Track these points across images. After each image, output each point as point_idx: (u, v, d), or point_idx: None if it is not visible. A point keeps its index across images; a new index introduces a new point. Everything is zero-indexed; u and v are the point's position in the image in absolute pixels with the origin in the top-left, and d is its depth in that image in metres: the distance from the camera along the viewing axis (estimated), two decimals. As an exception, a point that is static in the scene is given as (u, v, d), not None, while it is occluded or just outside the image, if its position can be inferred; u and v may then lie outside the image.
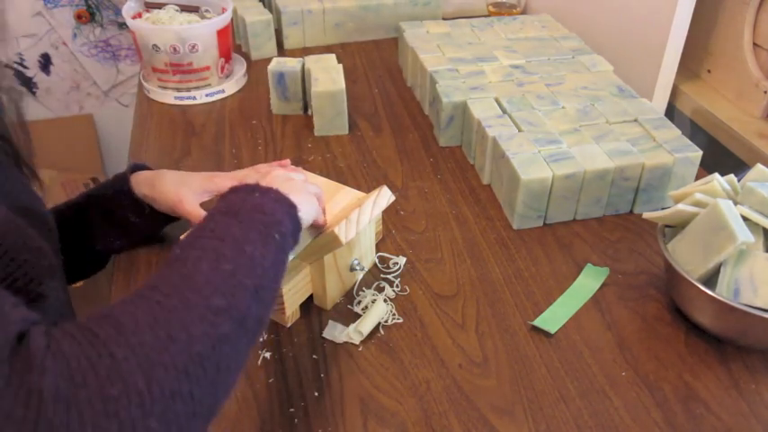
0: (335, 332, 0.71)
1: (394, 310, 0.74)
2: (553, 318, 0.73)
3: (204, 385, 0.38)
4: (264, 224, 0.49)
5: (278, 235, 0.49)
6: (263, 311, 0.46)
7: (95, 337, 0.36)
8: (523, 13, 1.48)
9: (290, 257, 0.57)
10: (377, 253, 0.82)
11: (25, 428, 0.32)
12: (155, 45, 1.13)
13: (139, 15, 1.20)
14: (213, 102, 1.19)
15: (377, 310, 0.72)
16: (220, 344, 0.40)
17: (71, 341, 0.36)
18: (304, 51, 1.35)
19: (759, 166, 0.73)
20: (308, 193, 0.59)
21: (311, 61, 1.10)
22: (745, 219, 0.67)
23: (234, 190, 0.53)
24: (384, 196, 0.75)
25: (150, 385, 0.35)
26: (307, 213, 0.57)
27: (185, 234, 0.74)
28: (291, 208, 0.53)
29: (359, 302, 0.75)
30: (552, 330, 0.71)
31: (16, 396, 0.32)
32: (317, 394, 0.65)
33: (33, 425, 0.32)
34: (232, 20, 1.25)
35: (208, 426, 0.40)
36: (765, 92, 1.03)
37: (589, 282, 0.78)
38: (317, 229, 0.68)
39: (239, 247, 0.45)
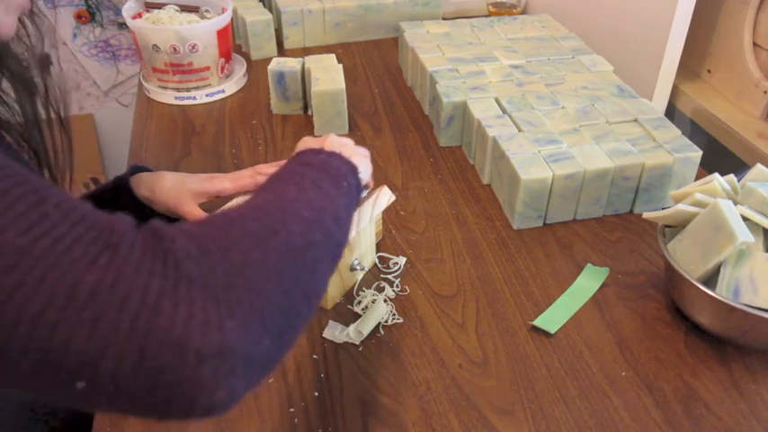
0: (335, 332, 0.71)
1: (394, 310, 0.74)
2: (553, 318, 0.73)
3: (304, 273, 0.43)
4: (335, 175, 0.54)
5: (346, 183, 0.54)
6: (341, 237, 0.50)
7: (211, 224, 0.42)
8: (523, 13, 1.48)
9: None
10: (377, 253, 0.82)
11: (169, 282, 0.35)
12: (155, 45, 1.13)
13: (139, 15, 1.20)
14: (213, 102, 1.19)
15: (377, 310, 0.72)
16: (311, 247, 0.44)
17: (192, 225, 0.41)
18: (304, 51, 1.35)
19: (759, 166, 0.73)
20: (362, 155, 0.63)
21: (311, 61, 1.10)
22: (745, 219, 0.67)
23: (301, 152, 0.57)
24: (384, 196, 0.75)
25: (265, 258, 0.40)
26: (365, 174, 0.61)
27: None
28: (353, 168, 0.57)
29: (359, 302, 0.75)
30: (552, 330, 0.71)
31: (155, 257, 0.36)
32: (316, 394, 0.65)
33: (175, 278, 0.36)
34: (232, 20, 1.25)
35: (308, 319, 0.44)
36: (765, 92, 1.03)
37: (589, 282, 0.78)
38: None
39: (317, 184, 0.51)
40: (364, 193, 0.62)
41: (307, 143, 0.60)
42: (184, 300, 0.35)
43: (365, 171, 0.61)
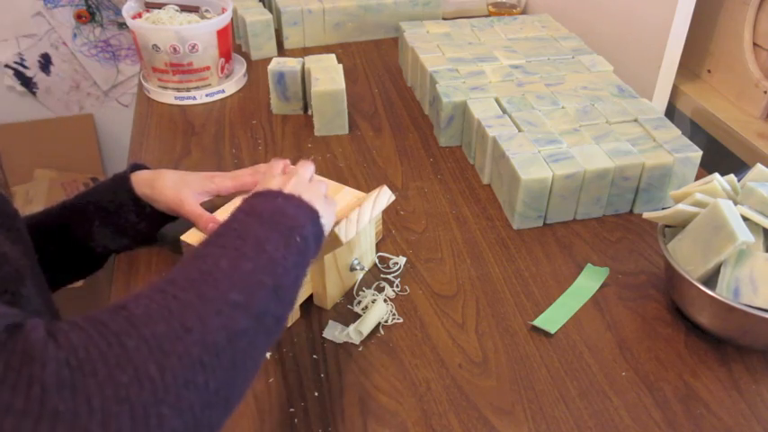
0: (335, 332, 0.71)
1: (394, 310, 0.74)
2: (553, 318, 0.73)
3: (220, 377, 0.38)
4: (287, 227, 0.49)
5: (299, 238, 0.50)
6: (282, 311, 0.46)
7: (105, 327, 0.36)
8: (523, 13, 1.48)
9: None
10: (377, 253, 0.82)
11: (28, 421, 0.31)
12: (155, 45, 1.13)
13: (139, 15, 1.20)
14: (213, 102, 1.19)
15: (377, 310, 0.72)
16: (237, 338, 0.39)
17: (78, 332, 0.35)
18: (304, 51, 1.35)
19: (759, 166, 0.73)
20: (330, 199, 0.60)
21: (311, 61, 1.10)
22: (745, 219, 0.67)
23: (256, 194, 0.53)
24: (384, 196, 0.75)
25: (163, 373, 0.35)
26: (328, 221, 0.57)
27: (187, 233, 0.74)
28: (314, 214, 0.53)
29: (359, 302, 0.75)
30: (552, 330, 0.71)
31: (14, 388, 0.31)
32: (317, 394, 0.65)
33: (37, 416, 0.31)
34: (232, 20, 1.25)
35: (225, 419, 0.40)
36: (765, 92, 1.03)
37: (589, 282, 0.78)
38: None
39: (260, 246, 0.46)
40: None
41: (267, 180, 0.55)
42: None
43: (328, 217, 0.57)
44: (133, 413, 0.33)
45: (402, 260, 0.81)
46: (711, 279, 0.68)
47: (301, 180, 0.58)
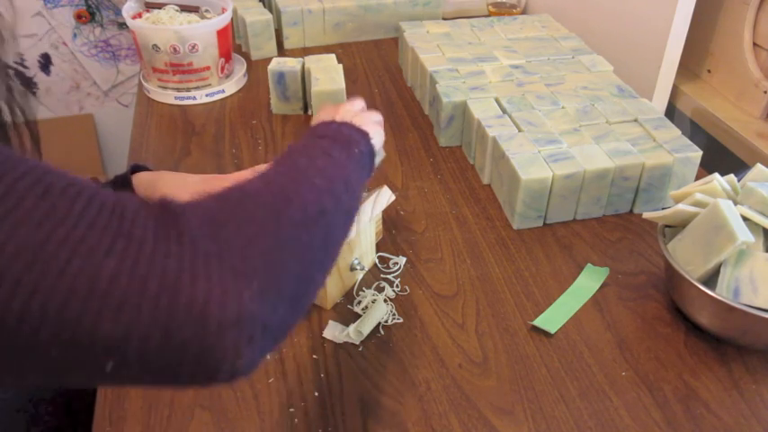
0: (335, 332, 0.71)
1: (394, 310, 0.74)
2: (553, 318, 0.73)
3: (318, 241, 0.44)
4: (345, 141, 0.56)
5: (357, 150, 0.56)
6: (352, 204, 0.52)
7: (227, 199, 0.43)
8: (523, 13, 1.48)
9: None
10: (377, 253, 0.82)
11: (184, 261, 0.36)
12: (155, 45, 1.13)
13: (139, 15, 1.20)
14: (213, 102, 1.19)
15: (377, 310, 0.72)
16: (324, 214, 0.45)
17: (207, 200, 0.42)
18: (304, 51, 1.35)
19: (759, 166, 0.73)
20: (375, 122, 0.65)
21: (311, 61, 1.10)
22: (745, 219, 0.67)
23: (314, 126, 0.59)
24: (384, 196, 0.75)
25: (279, 228, 0.41)
26: (377, 140, 0.63)
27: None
28: (365, 135, 0.59)
29: (359, 302, 0.75)
30: (552, 330, 0.71)
31: (168, 237, 0.37)
32: (317, 394, 0.65)
33: (192, 256, 0.37)
34: (232, 20, 1.25)
35: (321, 283, 0.46)
36: (765, 92, 1.03)
37: (589, 282, 0.78)
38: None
39: (327, 153, 0.52)
40: (377, 159, 0.63)
41: (320, 115, 0.62)
42: (202, 274, 0.36)
43: (377, 137, 0.63)
44: (264, 256, 0.39)
45: (402, 260, 0.81)
46: (711, 279, 0.68)
47: (351, 110, 0.64)
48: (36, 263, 0.33)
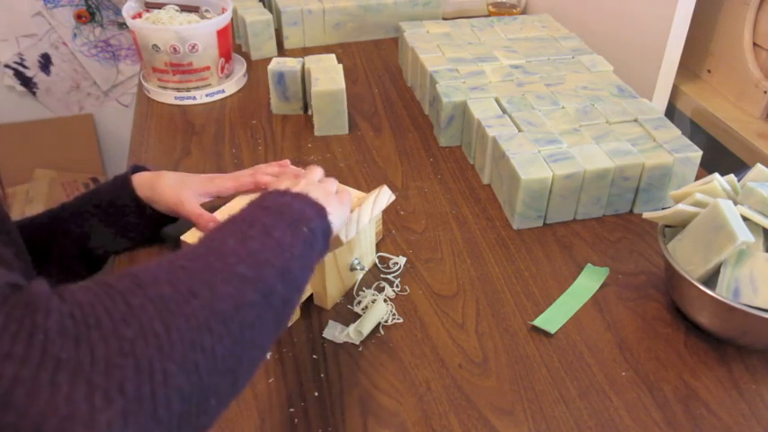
0: (335, 332, 0.71)
1: (394, 310, 0.74)
2: (553, 318, 0.73)
3: (227, 345, 0.37)
4: (294, 218, 0.49)
5: (306, 229, 0.49)
6: (290, 295, 0.45)
7: (110, 287, 0.35)
8: (523, 13, 1.48)
9: None
10: (377, 253, 0.82)
11: (29, 368, 0.30)
12: (155, 45, 1.13)
13: (139, 15, 1.20)
14: (213, 102, 1.19)
15: (377, 310, 0.72)
16: (244, 309, 0.39)
17: (83, 290, 0.35)
18: (304, 51, 1.35)
19: (759, 166, 0.73)
20: (338, 201, 0.60)
21: (311, 61, 1.10)
22: (745, 219, 0.67)
23: (265, 194, 0.53)
24: (384, 196, 0.75)
25: (169, 331, 0.34)
26: (337, 218, 0.57)
27: (188, 233, 0.74)
28: (321, 210, 0.54)
29: (359, 302, 0.75)
30: (552, 330, 0.71)
31: (16, 336, 0.30)
32: (317, 394, 0.65)
33: (38, 363, 0.30)
34: (232, 20, 1.25)
35: (232, 396, 0.39)
36: (765, 92, 1.03)
37: (589, 282, 0.78)
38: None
39: (268, 231, 0.46)
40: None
41: (276, 185, 0.56)
42: (45, 387, 0.29)
43: (337, 215, 0.57)
44: (138, 366, 0.32)
45: (402, 260, 0.81)
46: (711, 279, 0.68)
47: (310, 181, 0.58)
48: None
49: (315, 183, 0.59)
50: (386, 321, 0.73)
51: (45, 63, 1.80)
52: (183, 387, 0.33)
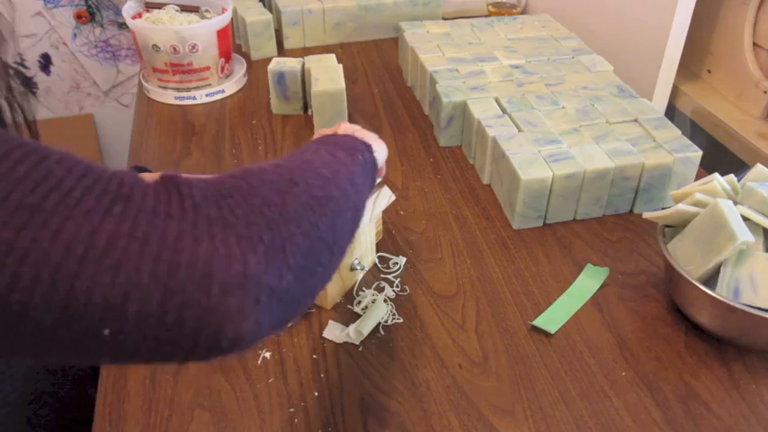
0: (335, 332, 0.71)
1: (394, 310, 0.74)
2: (553, 318, 0.73)
3: (326, 223, 0.43)
4: (349, 148, 0.54)
5: (361, 157, 0.55)
6: (359, 203, 0.51)
7: (230, 176, 0.42)
8: (523, 13, 1.48)
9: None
10: (377, 253, 0.82)
11: (187, 223, 0.36)
12: (155, 45, 1.13)
13: (139, 15, 1.20)
14: (213, 102, 1.19)
15: (377, 310, 0.72)
16: (331, 201, 0.45)
17: (209, 180, 0.41)
18: (304, 51, 1.35)
19: (759, 166, 0.73)
20: (378, 138, 0.64)
21: (311, 61, 1.10)
22: (745, 219, 0.67)
23: (316, 137, 0.58)
24: (384, 196, 0.75)
25: (285, 203, 0.41)
26: (381, 154, 0.61)
27: None
28: (368, 146, 0.58)
29: (359, 302, 0.75)
30: (552, 330, 0.71)
31: (169, 202, 0.36)
32: (316, 394, 0.65)
33: (193, 219, 0.36)
34: (232, 20, 1.25)
35: (332, 269, 0.45)
36: (765, 92, 1.03)
37: (589, 282, 0.78)
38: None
39: (332, 153, 0.51)
40: (378, 180, 0.62)
41: (320, 132, 0.61)
42: (205, 237, 0.35)
43: (380, 150, 0.62)
44: (269, 224, 0.39)
45: (402, 260, 0.81)
46: (711, 279, 0.68)
47: (349, 125, 0.62)
48: (29, 225, 0.32)
49: (352, 128, 0.62)
50: (386, 321, 0.73)
51: (45, 63, 1.80)
52: (302, 244, 0.40)
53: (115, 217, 0.34)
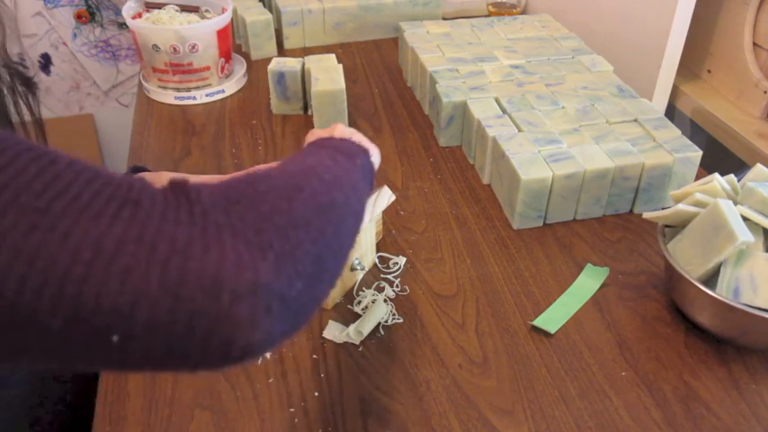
0: (335, 332, 0.71)
1: (394, 310, 0.74)
2: (553, 318, 0.73)
3: (331, 229, 0.43)
4: (348, 153, 0.54)
5: (360, 162, 0.54)
6: (360, 209, 0.50)
7: (236, 180, 0.42)
8: (523, 13, 1.48)
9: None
10: (377, 253, 0.82)
11: (197, 229, 0.36)
12: (155, 45, 1.13)
13: (139, 15, 1.20)
14: (213, 102, 1.19)
15: (377, 310, 0.72)
16: (336, 207, 0.45)
17: (217, 184, 0.41)
18: (304, 51, 1.35)
19: (759, 166, 0.73)
20: (371, 142, 0.64)
21: (311, 61, 1.10)
22: (745, 219, 0.67)
23: (313, 139, 0.58)
24: (384, 196, 0.75)
25: (292, 210, 0.41)
26: (376, 159, 0.61)
27: None
28: (364, 150, 0.58)
29: (359, 302, 0.75)
30: (552, 330, 0.71)
31: (178, 208, 0.36)
32: (317, 394, 0.65)
33: (202, 226, 0.36)
34: (232, 20, 1.25)
35: (337, 274, 0.45)
36: (765, 92, 1.03)
37: (589, 282, 0.78)
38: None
39: (333, 157, 0.51)
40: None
41: (316, 134, 0.61)
42: (214, 243, 0.35)
43: (376, 156, 0.62)
44: (277, 231, 0.38)
45: (402, 260, 0.81)
46: (711, 279, 0.68)
47: (344, 128, 0.62)
48: (37, 227, 0.32)
49: (348, 131, 0.62)
50: (386, 321, 0.73)
51: (45, 63, 1.80)
52: (310, 251, 0.40)
53: (124, 221, 0.34)
